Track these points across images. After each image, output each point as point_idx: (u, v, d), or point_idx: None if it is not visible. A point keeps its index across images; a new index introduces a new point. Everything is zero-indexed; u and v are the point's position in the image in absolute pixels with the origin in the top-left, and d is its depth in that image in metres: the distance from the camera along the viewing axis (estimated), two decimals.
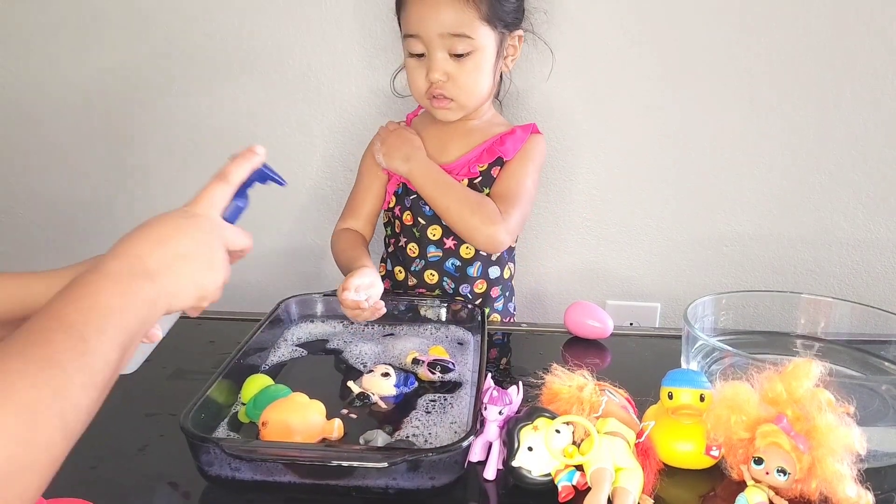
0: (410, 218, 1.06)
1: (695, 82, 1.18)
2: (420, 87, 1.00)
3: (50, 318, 0.45)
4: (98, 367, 0.45)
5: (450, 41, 0.95)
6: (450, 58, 0.97)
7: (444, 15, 0.94)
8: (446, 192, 1.00)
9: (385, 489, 0.61)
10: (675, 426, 0.66)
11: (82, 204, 1.31)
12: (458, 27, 0.94)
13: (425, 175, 1.01)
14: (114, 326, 0.47)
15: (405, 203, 1.06)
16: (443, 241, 1.05)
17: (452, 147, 1.05)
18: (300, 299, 0.96)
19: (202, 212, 0.60)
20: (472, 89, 0.99)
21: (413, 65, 1.00)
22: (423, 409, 0.74)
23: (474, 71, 0.98)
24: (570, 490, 0.61)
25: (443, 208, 1.00)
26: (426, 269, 1.06)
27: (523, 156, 1.04)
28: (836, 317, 0.89)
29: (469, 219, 0.98)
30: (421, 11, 0.95)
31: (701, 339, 0.77)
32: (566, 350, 0.93)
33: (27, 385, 0.40)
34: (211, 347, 0.91)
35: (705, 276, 1.28)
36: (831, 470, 0.58)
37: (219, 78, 1.23)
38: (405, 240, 1.08)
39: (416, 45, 0.97)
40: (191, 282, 0.56)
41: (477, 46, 0.96)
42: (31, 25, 1.22)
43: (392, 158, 1.04)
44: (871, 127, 1.18)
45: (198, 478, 0.63)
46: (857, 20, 1.13)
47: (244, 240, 0.63)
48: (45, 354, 0.42)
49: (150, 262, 0.53)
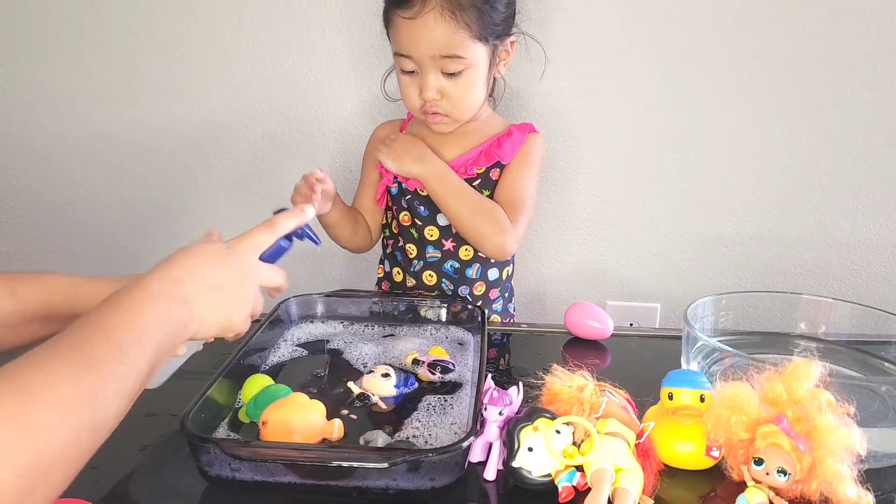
0: (408, 218, 1.06)
1: (695, 82, 1.18)
2: (414, 102, 0.99)
3: (94, 326, 0.49)
4: (130, 378, 0.48)
5: (442, 62, 0.94)
6: (443, 76, 0.95)
7: (435, 37, 0.92)
8: (460, 197, 0.99)
9: (385, 490, 0.61)
10: (675, 427, 0.66)
11: (82, 204, 1.31)
12: (451, 49, 0.93)
13: (440, 178, 1.00)
14: (149, 341, 0.51)
15: (402, 203, 1.06)
16: (441, 242, 1.05)
17: (449, 147, 1.04)
18: (300, 299, 0.96)
19: (242, 251, 0.66)
20: (465, 104, 0.98)
21: (406, 81, 0.99)
22: (423, 410, 0.74)
23: (468, 87, 0.97)
24: (571, 491, 0.61)
25: (454, 213, 0.99)
26: (425, 270, 1.06)
27: (524, 159, 1.03)
28: (836, 317, 0.89)
29: (481, 226, 0.98)
30: (412, 33, 0.93)
31: (701, 340, 0.77)
32: (566, 350, 0.93)
33: (67, 385, 0.43)
34: (211, 347, 0.91)
35: (705, 276, 1.28)
36: (831, 470, 0.58)
37: (219, 78, 1.23)
38: (403, 241, 1.08)
39: (408, 64, 0.96)
40: (220, 314, 0.60)
41: (469, 64, 0.95)
42: (31, 25, 1.22)
43: (403, 162, 1.01)
44: (871, 127, 1.18)
45: (198, 478, 0.63)
46: (857, 20, 1.13)
47: (279, 279, 0.70)
48: (85, 359, 0.45)
49: (188, 287, 0.57)
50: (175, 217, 1.30)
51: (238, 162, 1.27)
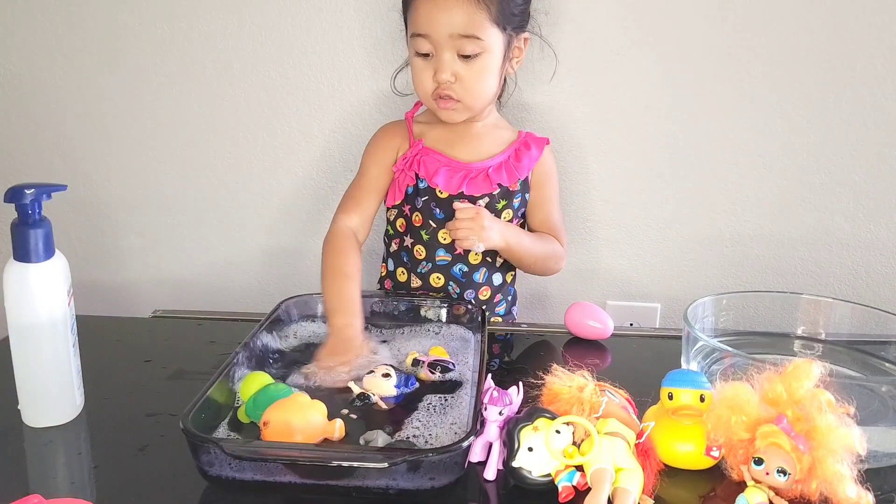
0: (420, 219, 1.05)
1: (695, 82, 1.18)
2: (426, 87, 0.99)
3: None
4: None
5: (459, 42, 0.95)
6: (458, 58, 0.96)
7: (455, 16, 0.93)
8: (534, 250, 1.06)
9: (385, 489, 0.61)
10: (675, 427, 0.66)
11: (83, 204, 1.31)
12: (469, 28, 0.94)
13: (518, 243, 1.03)
14: None
15: (415, 203, 1.05)
16: (452, 246, 1.04)
17: (461, 147, 1.05)
18: (300, 299, 0.96)
19: None
20: (479, 91, 0.99)
21: (419, 65, 0.99)
22: (423, 410, 0.74)
23: (482, 72, 0.97)
24: (571, 490, 0.61)
25: (529, 263, 1.07)
26: (433, 273, 1.06)
27: (550, 180, 1.10)
28: (837, 317, 0.89)
29: (552, 266, 1.09)
30: (431, 12, 0.94)
31: (701, 340, 0.77)
32: (566, 350, 0.93)
33: None
34: (211, 347, 0.92)
35: (705, 276, 1.28)
36: (831, 470, 0.58)
37: (219, 78, 1.23)
38: (412, 240, 1.07)
39: (424, 45, 0.97)
40: None
41: (485, 48, 0.96)
42: (29, 23, 1.22)
43: (490, 239, 0.99)
44: (871, 127, 1.18)
45: (198, 478, 0.63)
46: (857, 20, 1.13)
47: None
48: None
49: None
50: (175, 217, 1.30)
51: (238, 161, 1.27)
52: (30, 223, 0.69)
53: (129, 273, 1.34)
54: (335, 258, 0.98)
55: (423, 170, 1.03)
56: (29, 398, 0.72)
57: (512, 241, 1.02)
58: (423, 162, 1.03)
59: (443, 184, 1.02)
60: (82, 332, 0.76)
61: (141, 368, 0.86)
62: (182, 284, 1.34)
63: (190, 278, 1.34)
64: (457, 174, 1.03)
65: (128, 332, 0.99)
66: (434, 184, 1.02)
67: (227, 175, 1.28)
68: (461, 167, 1.03)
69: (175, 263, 1.33)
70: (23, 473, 0.66)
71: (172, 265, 1.33)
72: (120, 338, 0.96)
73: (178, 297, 1.34)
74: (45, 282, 0.70)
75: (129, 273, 1.34)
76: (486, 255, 1.06)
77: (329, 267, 0.97)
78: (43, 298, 0.70)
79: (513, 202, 1.05)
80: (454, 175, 1.02)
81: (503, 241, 1.01)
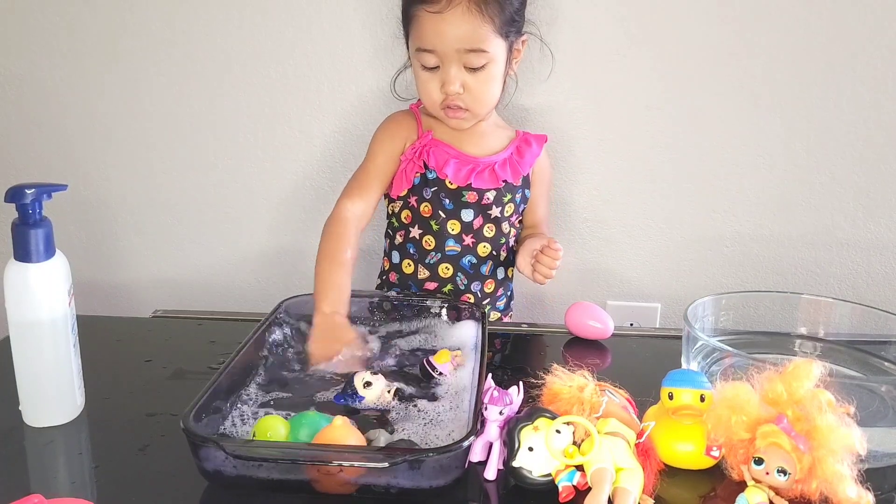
0: (429, 210, 1.05)
1: (695, 82, 1.18)
2: (434, 98, 1.00)
3: None
4: None
5: (466, 56, 0.96)
6: (465, 70, 0.97)
7: (461, 31, 0.94)
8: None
9: (386, 489, 0.61)
10: (675, 426, 0.66)
11: (83, 204, 1.31)
12: (475, 42, 0.94)
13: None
14: None
15: (423, 194, 1.05)
16: (462, 236, 1.05)
17: (468, 142, 1.06)
18: (300, 299, 0.96)
19: None
20: (486, 99, 1.01)
21: (426, 77, 1.00)
22: (423, 410, 0.74)
23: (488, 81, 0.99)
24: (571, 490, 0.61)
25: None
26: (442, 263, 1.06)
27: (546, 178, 1.15)
28: (837, 317, 0.89)
29: None
30: (437, 28, 0.94)
31: (701, 340, 0.77)
32: (567, 350, 0.93)
33: None
34: (211, 347, 0.92)
35: (705, 276, 1.28)
36: (832, 470, 0.58)
37: (219, 78, 1.23)
38: (420, 231, 1.07)
39: (430, 59, 0.97)
40: None
41: (491, 58, 0.97)
42: (29, 23, 1.22)
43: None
44: (871, 127, 1.18)
45: (198, 478, 0.63)
46: (857, 20, 1.13)
47: None
48: None
49: None
50: (175, 217, 1.30)
51: (238, 161, 1.27)
52: (30, 223, 0.69)
53: (129, 273, 1.34)
54: (333, 242, 1.00)
55: (433, 160, 1.04)
56: (30, 398, 0.72)
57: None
58: (432, 152, 1.04)
59: (452, 175, 1.03)
60: (83, 332, 0.76)
61: (141, 368, 0.86)
62: (182, 284, 1.34)
63: (190, 278, 1.34)
64: (465, 167, 1.04)
65: (128, 332, 0.99)
66: (443, 174, 1.03)
67: (227, 175, 1.28)
68: (469, 160, 1.05)
69: (175, 263, 1.33)
70: (23, 473, 0.66)
71: (172, 265, 1.33)
72: (120, 338, 0.96)
73: (178, 297, 1.34)
74: (46, 282, 0.70)
75: (129, 273, 1.34)
76: (493, 249, 1.07)
77: (325, 251, 0.99)
78: (43, 298, 0.70)
79: (515, 198, 1.08)
80: (462, 167, 1.04)
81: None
